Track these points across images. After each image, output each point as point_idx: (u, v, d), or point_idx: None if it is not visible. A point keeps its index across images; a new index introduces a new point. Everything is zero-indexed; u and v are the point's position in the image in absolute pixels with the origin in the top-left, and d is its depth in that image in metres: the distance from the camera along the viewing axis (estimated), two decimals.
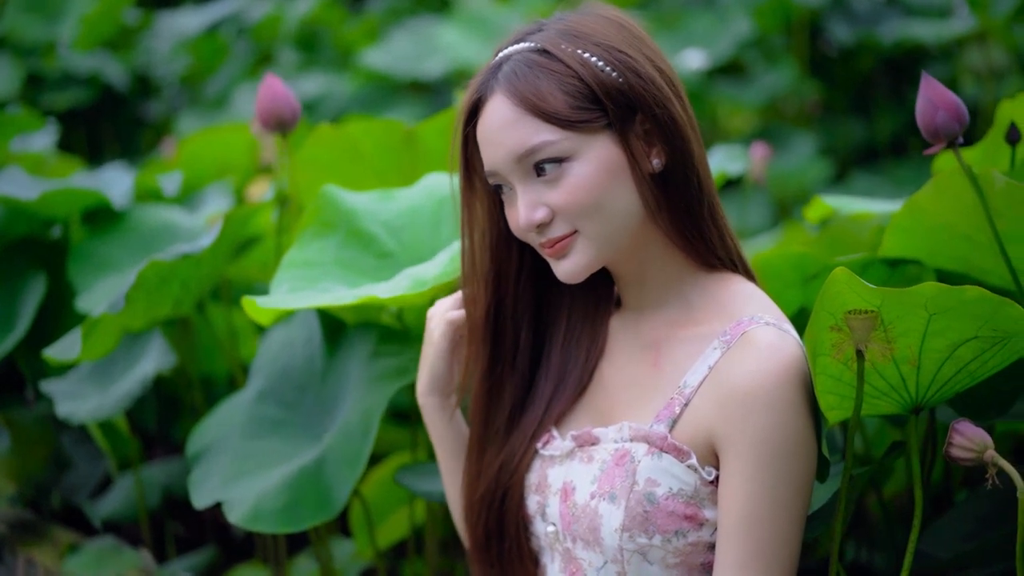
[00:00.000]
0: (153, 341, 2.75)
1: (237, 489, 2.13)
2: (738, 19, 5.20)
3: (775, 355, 1.58)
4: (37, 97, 5.63)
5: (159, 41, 5.91)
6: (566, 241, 1.65)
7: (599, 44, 1.63)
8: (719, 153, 2.68)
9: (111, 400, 2.66)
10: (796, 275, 2.08)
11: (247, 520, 2.06)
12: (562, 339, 1.83)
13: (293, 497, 2.06)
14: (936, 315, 1.53)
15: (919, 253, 1.96)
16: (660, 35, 5.22)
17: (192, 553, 2.89)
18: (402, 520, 2.51)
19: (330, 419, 2.18)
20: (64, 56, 5.68)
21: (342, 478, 2.05)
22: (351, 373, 2.19)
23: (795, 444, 1.58)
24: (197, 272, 2.43)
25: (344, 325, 2.25)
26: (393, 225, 2.19)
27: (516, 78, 1.63)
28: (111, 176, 3.07)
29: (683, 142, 1.65)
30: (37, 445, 3.06)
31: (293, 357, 2.29)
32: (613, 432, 1.69)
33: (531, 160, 1.63)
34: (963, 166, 1.80)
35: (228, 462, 2.20)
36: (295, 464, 2.11)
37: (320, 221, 2.19)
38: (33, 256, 3.03)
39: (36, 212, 3.00)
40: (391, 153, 2.55)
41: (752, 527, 1.57)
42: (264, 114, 2.34)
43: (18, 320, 2.94)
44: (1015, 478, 1.46)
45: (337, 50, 5.73)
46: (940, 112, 1.80)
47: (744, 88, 5.20)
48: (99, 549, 2.84)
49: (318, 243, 2.18)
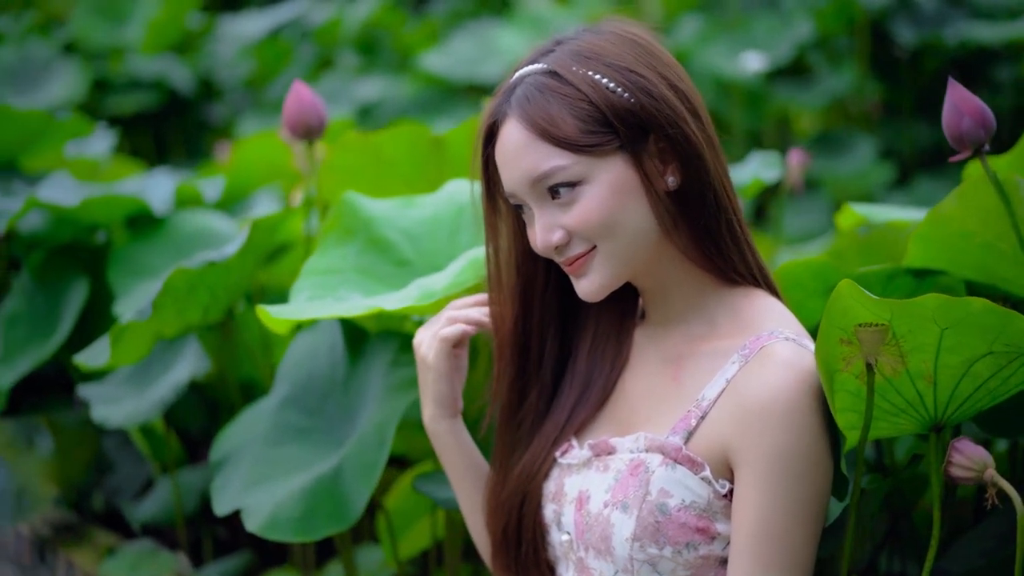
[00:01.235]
0: (189, 347, 2.76)
1: (256, 496, 2.12)
2: (800, 21, 5.14)
3: (792, 370, 1.57)
4: (103, 102, 5.69)
5: (223, 45, 5.96)
6: (584, 258, 1.66)
7: (611, 65, 1.62)
8: (754, 160, 2.64)
9: (146, 405, 2.67)
10: (818, 284, 2.03)
11: (264, 528, 2.05)
12: (588, 350, 1.83)
13: (309, 506, 2.05)
14: (948, 329, 1.50)
15: (942, 263, 1.92)
16: (721, 38, 5.18)
17: (227, 557, 2.90)
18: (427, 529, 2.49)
19: (351, 427, 2.17)
20: (130, 61, 5.74)
21: (358, 488, 2.04)
22: (371, 382, 2.18)
23: (810, 460, 1.56)
24: (225, 279, 2.44)
25: (366, 333, 2.24)
26: (412, 233, 2.18)
27: (527, 103, 1.63)
28: (153, 182, 3.09)
29: (698, 160, 1.64)
30: (80, 448, 3.09)
31: (317, 364, 2.28)
32: (629, 442, 1.68)
33: (544, 184, 1.63)
34: (988, 173, 1.76)
35: (249, 469, 2.20)
36: (313, 473, 2.10)
37: (341, 228, 2.19)
38: (77, 261, 3.07)
39: (78, 218, 3.03)
40: (418, 160, 2.54)
41: (764, 543, 1.55)
42: (291, 121, 2.34)
43: (60, 324, 2.98)
44: (1014, 498, 1.43)
45: (397, 53, 5.74)
46: (965, 118, 1.76)
47: (806, 90, 5.14)
48: (136, 552, 2.86)
49: (338, 250, 2.18)
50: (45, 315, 3.02)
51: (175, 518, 2.89)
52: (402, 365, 2.15)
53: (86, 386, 2.80)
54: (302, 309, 2.01)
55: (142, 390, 2.73)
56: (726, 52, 5.13)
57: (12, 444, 3.03)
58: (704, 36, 5.24)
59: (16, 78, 5.57)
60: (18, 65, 5.61)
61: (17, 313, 3.06)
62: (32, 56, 5.65)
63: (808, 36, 5.06)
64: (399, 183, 2.54)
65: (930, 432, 1.62)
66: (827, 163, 4.98)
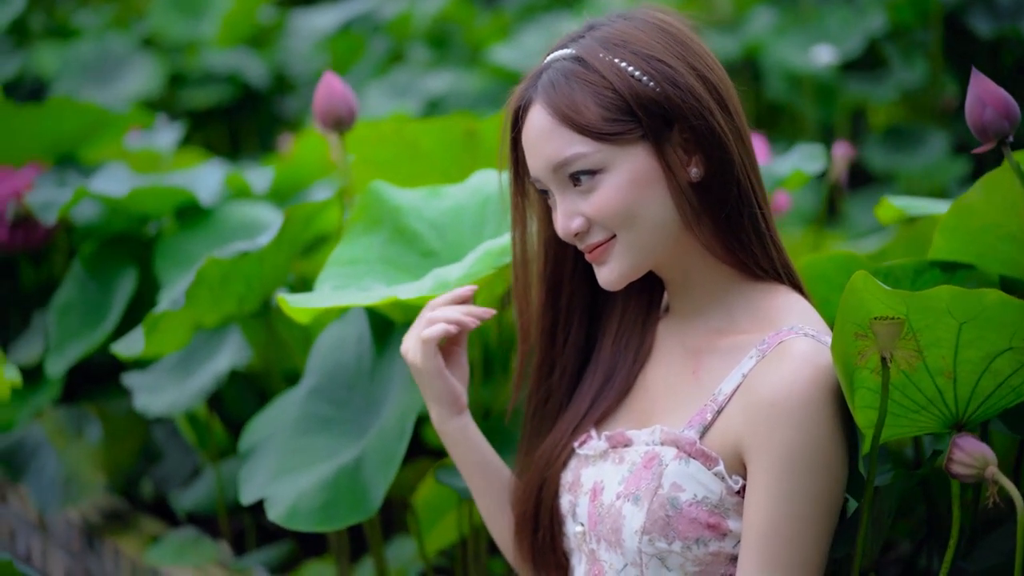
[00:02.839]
0: (231, 337, 2.77)
1: (280, 486, 2.13)
2: (874, 13, 5.05)
3: (807, 366, 1.55)
4: (178, 95, 5.75)
5: (296, 39, 5.98)
6: (604, 246, 1.65)
7: (637, 53, 1.61)
8: (797, 152, 2.59)
9: (187, 394, 2.70)
10: (843, 279, 1.97)
11: (285, 518, 2.06)
12: (612, 340, 1.82)
13: (330, 496, 2.06)
14: (966, 324, 1.47)
15: (969, 255, 1.87)
16: (793, 31, 5.11)
17: (270, 546, 2.91)
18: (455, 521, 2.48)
19: (375, 418, 2.17)
20: (205, 55, 5.79)
21: (378, 479, 2.04)
22: (395, 373, 2.17)
23: (823, 458, 1.54)
24: (260, 269, 2.44)
25: (392, 324, 2.24)
26: (438, 223, 2.17)
27: (552, 89, 1.63)
28: (202, 173, 3.11)
29: (722, 152, 1.63)
30: (128, 436, 3.13)
31: (344, 355, 2.28)
32: (646, 435, 1.67)
33: (566, 171, 1.63)
34: (1011, 163, 1.72)
35: (276, 459, 2.21)
36: (335, 463, 2.10)
37: (367, 218, 2.18)
38: (127, 251, 3.10)
39: (128, 209, 3.06)
40: (452, 151, 2.53)
41: (773, 541, 1.54)
42: (321, 112, 2.35)
43: (109, 313, 3.01)
44: (1015, 496, 1.38)
45: (468, 47, 5.73)
46: (988, 109, 1.74)
47: (878, 84, 5.05)
48: (180, 540, 2.88)
49: (364, 240, 2.17)
50: (96, 304, 3.06)
51: (218, 507, 2.91)
52: None
53: (131, 374, 2.83)
54: (320, 298, 2.01)
55: (184, 379, 2.76)
56: (798, 45, 5.05)
57: (62, 431, 3.07)
58: (777, 29, 5.17)
59: (94, 72, 5.65)
60: (96, 59, 5.68)
61: (70, 302, 3.10)
62: (110, 50, 5.72)
63: (881, 28, 4.97)
64: (435, 174, 2.54)
65: (951, 431, 1.58)
66: (900, 157, 4.89)
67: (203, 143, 5.80)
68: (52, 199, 3.01)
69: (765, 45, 5.07)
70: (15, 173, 3.29)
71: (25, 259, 3.61)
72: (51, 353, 3.04)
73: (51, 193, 3.04)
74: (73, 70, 5.64)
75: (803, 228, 4.36)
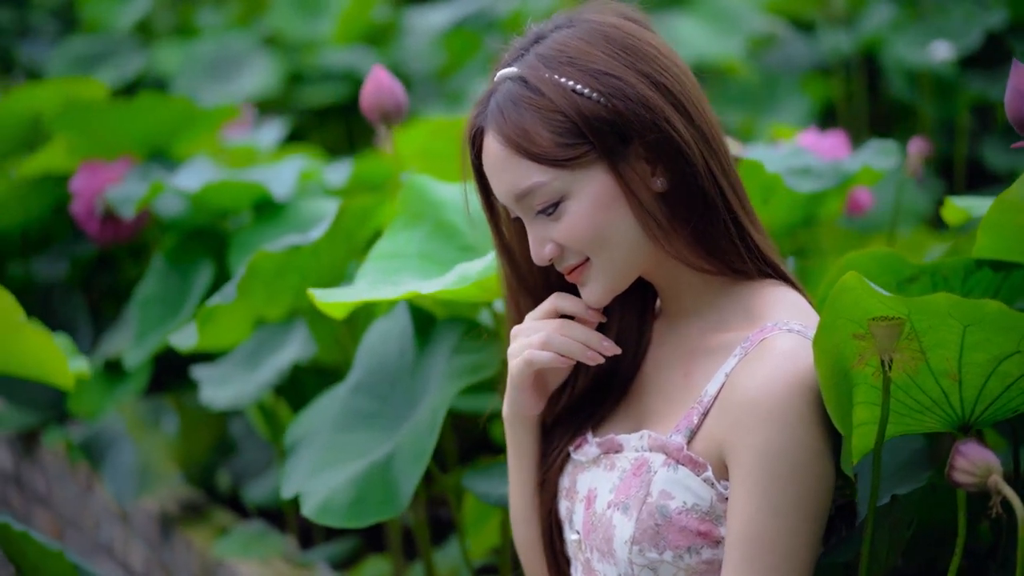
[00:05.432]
0: (297, 330, 2.78)
1: (316, 481, 2.12)
2: (995, 8, 4.89)
3: (788, 363, 1.48)
4: (295, 94, 5.80)
5: (412, 37, 6.00)
6: (581, 268, 1.59)
7: (583, 68, 1.53)
8: (870, 148, 2.50)
9: (250, 387, 2.71)
10: (889, 277, 1.90)
11: (317, 513, 2.05)
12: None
13: (361, 492, 2.04)
14: (971, 327, 1.39)
15: (1010, 253, 1.78)
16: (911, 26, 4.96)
17: (334, 541, 2.91)
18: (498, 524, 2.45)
19: (414, 414, 2.15)
20: (322, 53, 5.84)
21: (408, 474, 2.01)
22: (435, 368, 2.15)
23: (804, 460, 1.47)
24: (315, 263, 2.44)
25: (434, 319, 2.21)
26: (476, 218, 2.13)
27: (502, 117, 1.56)
28: (279, 168, 3.13)
29: (684, 161, 1.55)
30: (204, 429, 3.16)
31: (388, 350, 2.26)
32: (635, 440, 1.61)
33: (529, 202, 1.57)
34: None
35: (316, 453, 2.19)
36: (369, 459, 2.08)
37: (408, 212, 2.16)
38: (206, 245, 3.13)
39: (206, 203, 3.09)
40: None
41: (753, 546, 1.47)
42: (368, 105, 2.34)
43: (185, 306, 3.04)
44: (1016, 507, 1.30)
45: None
46: None
47: (999, 80, 4.88)
48: (248, 533, 2.90)
49: (405, 234, 2.15)
50: (175, 297, 3.10)
51: (285, 501, 2.91)
52: (463, 352, 2.11)
53: (200, 367, 2.85)
54: (347, 293, 1.99)
55: (250, 373, 2.77)
56: (916, 41, 4.91)
57: (140, 422, 3.11)
58: (894, 24, 5.03)
59: (213, 71, 5.73)
60: (216, 58, 5.77)
61: (152, 295, 3.14)
62: (230, 49, 5.81)
63: (1002, 23, 4.80)
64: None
65: (958, 432, 1.51)
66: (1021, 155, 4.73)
67: (320, 141, 5.85)
68: (130, 194, 3.05)
69: (883, 41, 4.94)
70: (106, 168, 3.35)
71: (123, 253, 3.68)
72: (132, 345, 3.08)
73: (131, 188, 3.09)
74: (193, 69, 5.73)
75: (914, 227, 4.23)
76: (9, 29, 7.76)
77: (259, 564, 2.78)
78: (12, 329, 2.37)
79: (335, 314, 2.06)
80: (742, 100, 5.13)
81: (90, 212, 3.30)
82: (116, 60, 5.90)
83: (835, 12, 5.11)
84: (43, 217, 3.67)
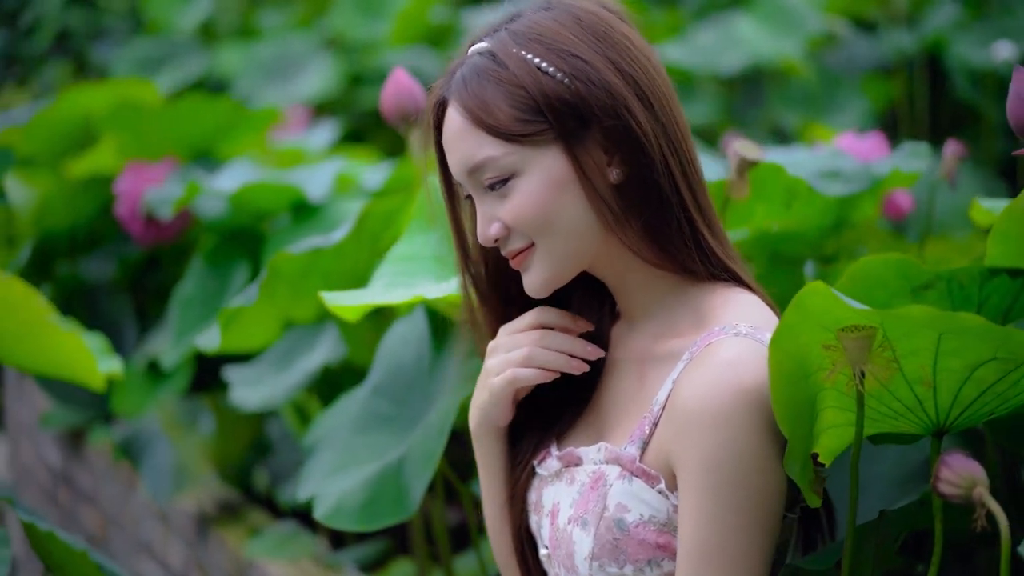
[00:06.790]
0: (328, 332, 2.78)
1: (330, 484, 2.12)
2: None
3: (733, 368, 1.43)
4: (354, 95, 5.82)
5: None
6: (525, 253, 1.55)
7: (552, 48, 1.50)
8: (903, 150, 2.46)
9: (280, 389, 2.72)
10: (903, 283, 1.85)
11: (328, 516, 2.04)
12: None
13: (372, 495, 2.03)
14: (946, 334, 1.35)
15: (1021, 262, 1.73)
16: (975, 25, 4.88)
17: (365, 543, 2.91)
18: None
19: (426, 416, 2.14)
20: (381, 55, 5.85)
21: (418, 478, 2.00)
22: (449, 371, 2.14)
23: (751, 469, 1.42)
24: (338, 265, 2.44)
25: (450, 322, 2.20)
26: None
27: (464, 88, 1.53)
28: (317, 170, 3.13)
29: (642, 152, 1.51)
30: (240, 430, 3.17)
31: (406, 353, 2.25)
32: (593, 453, 1.57)
33: (479, 176, 1.53)
34: None
35: (334, 455, 2.19)
36: (381, 462, 2.08)
37: (426, 215, 2.15)
38: (243, 246, 3.14)
39: (245, 205, 3.10)
40: None
41: (700, 559, 1.43)
42: (388, 107, 2.32)
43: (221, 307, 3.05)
44: (1000, 520, 1.26)
45: None
46: None
47: None
48: (280, 534, 2.91)
49: (422, 237, 2.14)
50: (212, 298, 3.11)
51: None
52: (477, 356, 2.10)
53: (233, 368, 2.86)
54: (355, 296, 1.98)
55: (280, 374, 2.77)
56: (979, 41, 4.82)
57: (177, 422, 3.13)
58: (957, 24, 4.94)
59: (274, 72, 5.76)
60: (277, 59, 5.80)
61: (191, 295, 3.16)
62: (290, 50, 5.83)
63: None
64: None
65: (932, 437, 1.48)
66: None
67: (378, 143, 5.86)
68: (169, 195, 3.07)
69: (946, 41, 4.85)
70: (150, 169, 3.37)
71: (169, 254, 3.70)
72: (170, 346, 3.10)
73: (170, 189, 3.11)
74: (254, 70, 5.77)
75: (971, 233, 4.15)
76: (82, 30, 7.88)
77: (288, 564, 2.78)
78: (42, 329, 2.40)
79: (347, 317, 2.05)
80: (802, 101, 5.07)
81: (134, 213, 3.33)
82: (179, 62, 5.95)
83: (897, 11, 5.03)
84: (92, 218, 3.71)
